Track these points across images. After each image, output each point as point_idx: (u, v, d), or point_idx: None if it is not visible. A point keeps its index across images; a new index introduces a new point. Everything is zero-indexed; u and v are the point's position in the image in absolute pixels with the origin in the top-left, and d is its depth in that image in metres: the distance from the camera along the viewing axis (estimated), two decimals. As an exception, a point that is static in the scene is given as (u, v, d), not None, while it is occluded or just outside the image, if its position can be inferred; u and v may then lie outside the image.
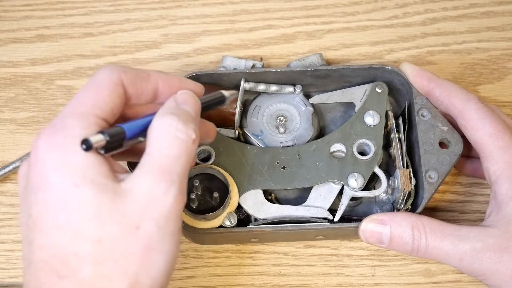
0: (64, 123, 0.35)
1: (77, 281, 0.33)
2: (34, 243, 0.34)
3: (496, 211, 0.44)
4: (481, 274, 0.43)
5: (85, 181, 0.33)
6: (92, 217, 0.33)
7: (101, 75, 0.37)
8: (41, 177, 0.34)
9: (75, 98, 0.36)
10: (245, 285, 0.51)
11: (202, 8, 0.60)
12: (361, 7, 0.60)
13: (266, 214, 0.48)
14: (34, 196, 0.34)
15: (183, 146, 0.36)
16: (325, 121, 0.54)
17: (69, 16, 0.60)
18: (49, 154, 0.34)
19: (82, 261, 0.33)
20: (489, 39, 0.59)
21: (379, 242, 0.46)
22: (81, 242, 0.33)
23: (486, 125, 0.46)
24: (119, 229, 0.33)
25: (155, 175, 0.34)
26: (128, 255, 0.34)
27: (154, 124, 0.36)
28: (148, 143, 0.36)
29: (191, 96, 0.39)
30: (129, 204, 0.34)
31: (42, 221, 0.34)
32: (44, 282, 0.34)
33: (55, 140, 0.34)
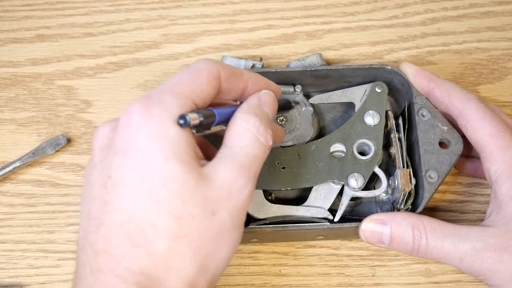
0: (162, 97, 0.35)
1: (151, 252, 0.33)
2: (111, 204, 0.34)
3: (497, 211, 0.44)
4: (482, 274, 0.43)
5: (174, 157, 0.34)
6: (176, 193, 0.34)
7: (202, 65, 0.38)
8: (131, 142, 0.34)
9: (175, 78, 0.37)
10: (245, 285, 0.51)
11: (202, 8, 0.60)
12: (361, 7, 0.60)
13: (266, 214, 0.49)
14: (119, 159, 0.35)
15: (261, 148, 0.38)
16: (325, 121, 0.54)
17: (69, 16, 0.60)
18: (144, 122, 0.34)
19: (159, 234, 0.33)
20: (489, 39, 0.59)
21: (379, 242, 0.46)
22: (161, 214, 0.33)
23: (486, 125, 0.46)
24: (199, 211, 0.34)
25: (236, 170, 0.36)
26: (202, 237, 0.34)
27: (238, 120, 0.38)
28: (229, 136, 0.37)
29: (273, 98, 0.41)
30: (209, 189, 0.35)
31: (124, 185, 0.34)
32: (116, 245, 0.34)
33: (152, 110, 0.35)
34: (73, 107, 0.57)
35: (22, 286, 0.51)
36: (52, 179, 0.54)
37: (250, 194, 0.36)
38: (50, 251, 0.52)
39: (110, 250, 0.34)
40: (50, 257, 0.52)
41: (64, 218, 0.53)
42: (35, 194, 0.54)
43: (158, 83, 0.57)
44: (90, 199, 0.36)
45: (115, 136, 0.36)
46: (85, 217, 0.36)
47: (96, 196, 0.35)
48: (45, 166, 0.55)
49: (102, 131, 0.37)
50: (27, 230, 0.53)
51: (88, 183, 0.36)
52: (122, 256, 0.33)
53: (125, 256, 0.33)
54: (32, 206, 0.54)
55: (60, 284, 0.51)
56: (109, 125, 0.37)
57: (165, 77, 0.58)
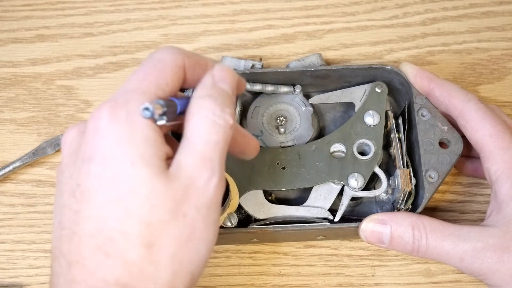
0: (127, 98, 0.34)
1: (124, 262, 0.33)
2: (80, 213, 0.34)
3: (497, 211, 0.44)
4: (482, 274, 0.43)
5: (142, 161, 0.33)
6: (145, 199, 0.33)
7: (165, 55, 0.37)
8: (97, 149, 0.34)
9: (138, 74, 0.36)
10: (245, 285, 0.51)
11: (202, 8, 0.60)
12: (361, 7, 0.60)
13: (266, 215, 0.49)
14: (86, 166, 0.34)
15: (221, 132, 0.35)
16: (325, 121, 0.54)
17: (69, 16, 0.60)
18: (111, 126, 0.34)
19: (131, 242, 0.33)
20: (489, 39, 0.59)
21: (379, 242, 0.46)
22: (132, 222, 0.33)
23: (486, 125, 0.46)
24: (169, 215, 0.33)
25: (197, 163, 0.34)
26: (175, 242, 0.33)
27: (193, 107, 0.35)
28: (187, 126, 0.35)
29: (229, 72, 0.38)
30: (177, 190, 0.34)
31: (92, 193, 0.33)
32: (88, 257, 0.33)
33: (118, 113, 0.34)
34: (73, 107, 0.57)
35: (22, 286, 0.51)
36: (52, 179, 0.54)
37: (217, 185, 0.35)
38: (50, 251, 0.52)
39: (83, 261, 0.33)
40: (50, 257, 0.52)
41: (64, 218, 0.53)
42: (35, 194, 0.54)
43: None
44: (61, 207, 0.35)
45: (82, 142, 0.35)
46: (57, 226, 0.35)
47: (66, 205, 0.35)
48: (45, 166, 0.55)
49: (69, 136, 0.36)
50: (27, 230, 0.53)
51: (58, 190, 0.36)
52: (96, 267, 0.33)
53: (99, 266, 0.33)
54: (32, 206, 0.54)
55: (60, 284, 0.51)
56: (76, 129, 0.36)
57: (165, 77, 0.58)
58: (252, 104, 0.53)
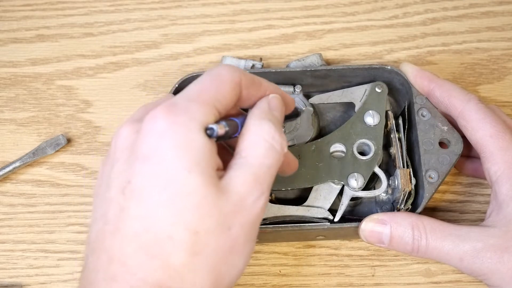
0: (188, 106, 0.35)
1: (167, 266, 0.33)
2: (128, 211, 0.34)
3: (497, 211, 0.44)
4: (482, 274, 0.43)
5: (197, 169, 0.33)
6: (195, 207, 0.33)
7: (224, 71, 0.38)
8: (154, 149, 0.34)
9: (199, 85, 0.37)
10: (245, 285, 0.51)
11: (202, 8, 0.60)
12: (361, 7, 0.60)
13: (266, 214, 0.48)
14: (140, 165, 0.34)
15: (276, 157, 0.36)
16: (325, 121, 0.54)
17: (69, 16, 0.60)
18: (170, 129, 0.34)
19: (176, 247, 0.33)
20: (489, 39, 0.59)
21: (379, 242, 0.46)
22: (179, 228, 0.33)
23: (486, 125, 0.46)
24: (215, 226, 0.34)
25: (250, 182, 0.35)
26: (218, 253, 0.34)
27: (252, 127, 0.37)
28: (243, 145, 0.36)
29: (281, 103, 0.40)
30: (226, 204, 0.34)
31: (143, 193, 0.33)
32: (132, 255, 0.33)
33: (179, 118, 0.34)
34: (73, 107, 0.57)
35: (22, 286, 0.51)
36: (52, 179, 0.54)
37: (263, 206, 0.36)
38: (50, 251, 0.52)
39: (125, 259, 0.33)
40: (50, 257, 0.52)
41: (64, 218, 0.53)
42: (35, 194, 0.54)
43: (158, 83, 0.57)
44: (106, 200, 0.35)
45: (138, 140, 0.35)
46: (100, 219, 0.35)
47: (114, 200, 0.35)
48: (45, 166, 0.55)
49: (124, 131, 0.36)
50: (27, 230, 0.53)
51: (105, 183, 0.36)
52: (138, 267, 0.33)
53: (141, 267, 0.33)
54: (32, 206, 0.54)
55: (60, 284, 0.51)
56: (132, 127, 0.36)
57: (165, 77, 0.58)
58: (252, 104, 0.53)
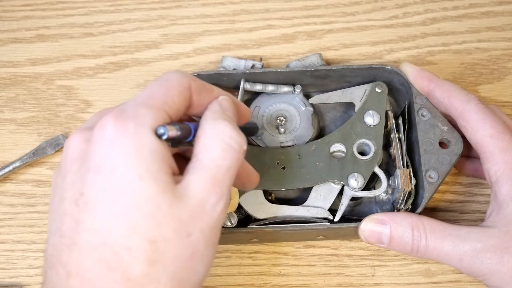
0: (136, 111, 0.34)
1: (126, 277, 0.32)
2: (83, 224, 0.33)
3: (497, 211, 0.44)
4: (482, 274, 0.43)
5: (149, 176, 0.33)
6: (150, 216, 0.33)
7: (172, 76, 0.37)
8: (105, 160, 0.33)
9: (146, 91, 0.36)
10: (245, 285, 0.51)
11: (202, 8, 0.60)
12: (361, 7, 0.60)
13: (266, 214, 0.49)
14: (92, 176, 0.33)
15: (234, 156, 0.36)
16: (325, 121, 0.54)
17: (69, 16, 0.60)
18: (119, 137, 0.33)
19: (134, 258, 0.33)
20: (489, 39, 0.59)
21: (378, 242, 0.46)
22: (136, 238, 0.33)
23: (486, 126, 0.46)
24: (173, 234, 0.33)
25: (208, 186, 0.34)
26: (178, 261, 0.34)
27: (206, 128, 0.36)
28: (199, 147, 0.35)
29: (232, 104, 0.40)
30: (183, 210, 0.34)
31: (97, 205, 0.33)
32: (90, 269, 0.33)
33: (127, 125, 0.34)
34: (73, 107, 0.57)
35: (22, 286, 0.51)
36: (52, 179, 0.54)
37: (223, 210, 0.35)
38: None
39: (84, 273, 0.33)
40: (46, 260, 0.52)
41: (64, 218, 0.53)
42: (35, 194, 0.54)
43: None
44: (60, 213, 0.35)
45: (88, 151, 0.34)
46: (55, 233, 0.35)
47: (67, 213, 0.34)
48: (45, 166, 0.55)
49: (74, 141, 0.36)
50: (27, 230, 0.53)
51: (59, 195, 0.35)
52: (97, 280, 0.33)
53: (100, 280, 0.33)
54: (32, 206, 0.54)
55: (60, 284, 0.51)
56: (82, 136, 0.36)
57: (165, 77, 0.58)
58: (252, 104, 0.53)
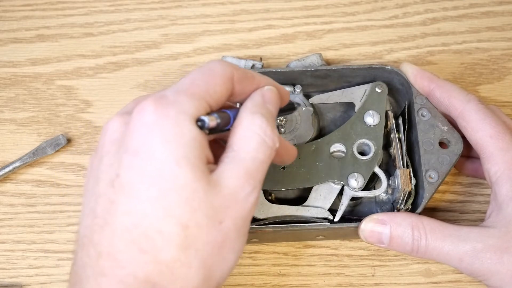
0: (178, 98, 0.35)
1: (157, 260, 0.33)
2: (117, 205, 0.33)
3: (497, 211, 0.44)
4: (481, 274, 0.43)
5: (186, 162, 0.33)
6: (185, 201, 0.33)
7: (216, 66, 0.37)
8: (143, 143, 0.34)
9: (189, 78, 0.36)
10: (245, 285, 0.51)
11: (202, 8, 0.60)
12: (361, 7, 0.60)
13: (266, 214, 0.49)
14: (129, 158, 0.34)
15: (267, 152, 0.36)
16: (325, 121, 0.54)
17: (69, 16, 0.60)
18: (159, 122, 0.34)
19: (166, 242, 0.33)
20: (489, 39, 0.59)
21: (378, 242, 0.46)
22: (170, 222, 0.33)
23: (486, 126, 0.46)
24: (206, 220, 0.33)
25: (242, 177, 0.35)
26: (208, 248, 0.34)
27: (244, 121, 0.36)
28: (235, 139, 0.36)
29: (276, 95, 0.40)
30: (217, 198, 0.34)
31: (132, 187, 0.33)
32: (121, 250, 0.33)
33: (168, 111, 0.34)
34: (73, 107, 0.57)
35: (22, 286, 0.51)
36: (52, 179, 0.54)
37: (255, 201, 0.35)
38: (50, 251, 0.52)
39: (115, 254, 0.33)
40: (50, 257, 0.52)
41: (64, 218, 0.53)
42: (35, 194, 0.54)
43: (158, 83, 0.57)
44: (95, 194, 0.35)
45: (127, 133, 0.35)
46: (89, 214, 0.35)
47: (102, 193, 0.34)
48: (45, 166, 0.55)
49: (113, 124, 0.36)
50: (27, 230, 0.53)
51: (94, 177, 0.35)
52: (128, 261, 0.33)
53: (131, 261, 0.33)
54: (32, 206, 0.54)
55: (60, 284, 0.51)
56: (121, 119, 0.36)
57: (165, 77, 0.58)
58: (252, 104, 0.53)
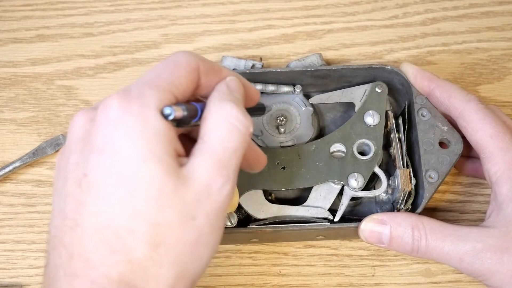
0: (142, 92, 0.34)
1: (129, 260, 0.32)
2: (85, 206, 0.33)
3: (497, 211, 0.44)
4: (481, 274, 0.43)
5: (153, 158, 0.32)
6: (154, 199, 0.32)
7: (180, 57, 0.36)
8: (108, 140, 0.33)
9: (153, 71, 0.36)
10: (245, 285, 0.51)
11: (202, 8, 0.60)
12: (361, 7, 0.60)
13: (266, 214, 0.49)
14: (95, 157, 0.33)
15: (240, 138, 0.35)
16: (325, 121, 0.54)
17: (69, 16, 0.60)
18: (123, 118, 0.33)
19: (137, 241, 0.32)
20: (489, 39, 0.59)
21: (378, 242, 0.46)
22: (139, 221, 0.32)
23: (486, 126, 0.46)
24: (177, 217, 0.33)
25: (214, 168, 0.34)
26: (181, 244, 0.33)
27: (212, 109, 0.35)
28: (205, 128, 0.35)
29: (240, 85, 0.38)
30: (188, 192, 0.33)
31: (100, 187, 0.33)
32: (92, 251, 0.32)
33: (132, 106, 0.33)
34: (73, 107, 0.57)
35: (22, 286, 0.51)
36: (52, 179, 0.54)
37: (229, 193, 0.34)
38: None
39: (86, 254, 0.32)
40: (47, 248, 0.52)
41: (64, 218, 0.53)
42: (35, 194, 0.54)
43: (158, 83, 0.57)
44: (64, 195, 0.34)
45: (92, 131, 0.34)
46: (58, 214, 0.34)
47: (70, 194, 0.34)
48: (45, 166, 0.55)
49: (79, 121, 0.35)
50: (27, 230, 0.53)
51: (62, 177, 0.35)
52: (100, 262, 0.32)
53: (103, 262, 0.32)
54: (32, 206, 0.54)
55: (60, 284, 0.51)
56: (86, 116, 0.35)
57: (165, 77, 0.58)
58: (252, 104, 0.53)
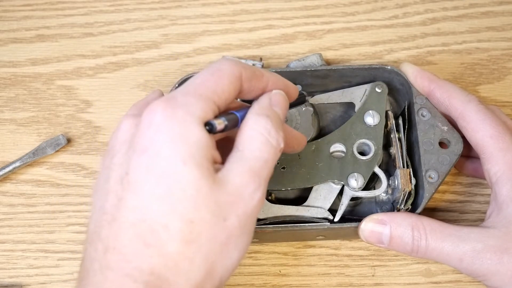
0: (186, 100, 0.36)
1: (162, 254, 0.34)
2: (125, 202, 0.35)
3: (497, 212, 0.44)
4: (481, 275, 0.43)
5: (192, 161, 0.34)
6: (190, 198, 0.34)
7: (224, 65, 0.38)
8: (151, 142, 0.35)
9: (198, 79, 0.37)
10: (245, 285, 0.51)
11: (202, 8, 0.60)
12: (361, 7, 0.60)
13: (266, 214, 0.49)
14: (137, 157, 0.35)
15: (272, 152, 0.37)
16: (325, 121, 0.54)
17: (69, 16, 0.60)
18: (167, 123, 0.35)
19: (171, 236, 0.34)
20: (489, 39, 0.59)
21: (378, 242, 0.46)
22: (174, 217, 0.34)
23: (486, 126, 0.46)
24: (210, 216, 0.34)
25: (247, 175, 0.36)
26: (212, 243, 0.34)
27: (249, 122, 0.37)
28: (241, 139, 0.37)
29: (284, 99, 0.41)
30: (221, 195, 0.35)
31: (139, 185, 0.34)
32: (127, 245, 0.34)
33: (176, 112, 0.35)
34: (73, 107, 0.57)
35: (22, 286, 0.51)
36: (52, 179, 0.54)
37: (260, 199, 0.36)
38: (50, 251, 0.52)
39: (121, 248, 0.34)
40: (50, 257, 0.52)
41: (64, 218, 0.53)
42: (35, 194, 0.54)
43: (158, 83, 0.57)
44: (105, 191, 0.36)
45: (136, 134, 0.36)
46: (98, 210, 0.36)
47: (112, 190, 0.35)
48: (45, 166, 0.55)
49: (125, 125, 0.37)
50: (27, 230, 0.53)
51: (105, 175, 0.37)
52: (133, 255, 0.34)
53: (136, 255, 0.34)
54: (32, 206, 0.54)
55: (60, 284, 0.51)
56: (132, 121, 0.37)
57: (165, 77, 0.58)
58: (252, 104, 0.53)
